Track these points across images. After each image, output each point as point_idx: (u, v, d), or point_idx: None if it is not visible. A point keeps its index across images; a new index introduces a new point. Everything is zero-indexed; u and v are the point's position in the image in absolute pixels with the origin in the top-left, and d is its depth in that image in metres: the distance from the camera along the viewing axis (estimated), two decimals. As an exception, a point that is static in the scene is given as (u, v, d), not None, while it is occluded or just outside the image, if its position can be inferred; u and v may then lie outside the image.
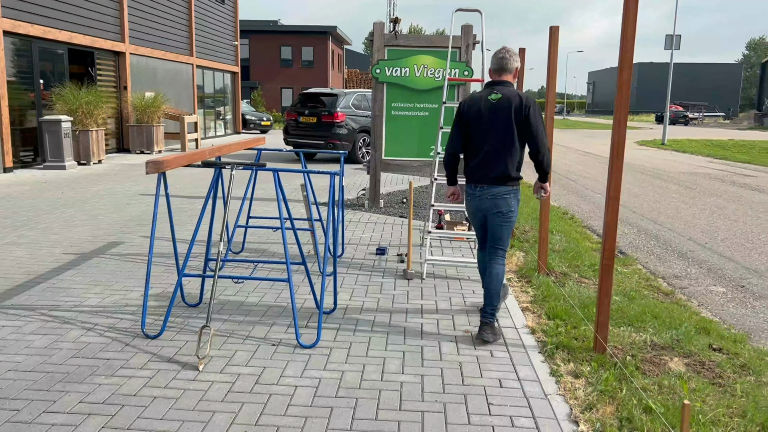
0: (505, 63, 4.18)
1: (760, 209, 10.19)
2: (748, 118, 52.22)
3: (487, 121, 4.10)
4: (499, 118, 4.06)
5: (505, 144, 4.07)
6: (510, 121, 4.04)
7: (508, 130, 4.06)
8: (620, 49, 3.79)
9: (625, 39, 3.76)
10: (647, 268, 6.64)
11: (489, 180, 4.13)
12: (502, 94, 4.10)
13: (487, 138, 4.11)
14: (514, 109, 4.03)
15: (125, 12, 16.25)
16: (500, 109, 4.06)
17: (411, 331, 4.29)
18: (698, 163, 18.94)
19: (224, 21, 24.67)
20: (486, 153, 4.12)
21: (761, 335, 4.75)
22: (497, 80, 4.21)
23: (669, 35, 27.23)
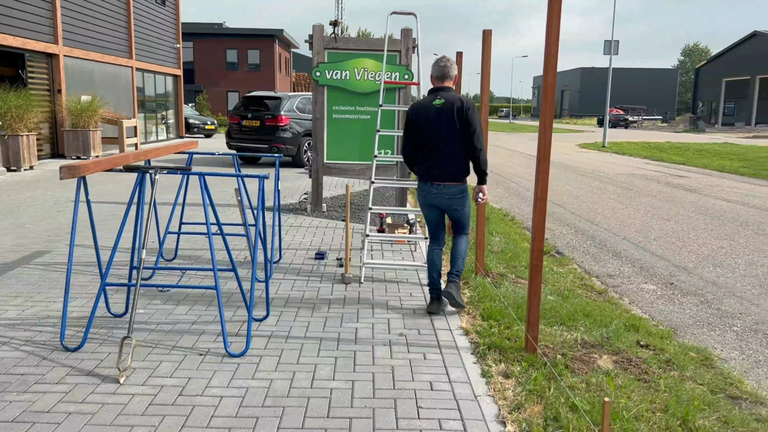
0: (446, 71, 4.61)
1: (691, 209, 10.56)
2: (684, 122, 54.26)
3: (435, 124, 4.51)
4: (444, 121, 4.49)
5: (453, 145, 4.50)
6: (454, 123, 4.47)
7: (453, 131, 4.49)
8: (545, 53, 3.84)
9: (549, 43, 3.82)
10: (582, 268, 6.78)
11: (444, 178, 4.58)
12: (445, 99, 4.51)
13: (436, 140, 4.53)
14: (456, 112, 4.46)
15: (58, 13, 15.69)
16: (444, 113, 4.49)
17: (345, 337, 4.24)
18: (636, 164, 19.54)
19: (165, 23, 24.14)
20: (437, 154, 4.53)
21: (687, 331, 4.89)
22: (440, 86, 4.63)
23: (608, 41, 28.05)
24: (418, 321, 4.61)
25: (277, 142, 14.74)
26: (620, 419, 3.26)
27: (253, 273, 3.93)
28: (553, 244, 7.90)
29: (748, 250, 7.53)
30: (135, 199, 4.23)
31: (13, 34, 13.83)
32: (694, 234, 8.48)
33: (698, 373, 3.96)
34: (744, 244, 7.87)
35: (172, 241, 6.62)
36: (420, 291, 5.36)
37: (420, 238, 5.99)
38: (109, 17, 18.86)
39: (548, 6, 3.77)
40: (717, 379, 3.91)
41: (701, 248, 7.63)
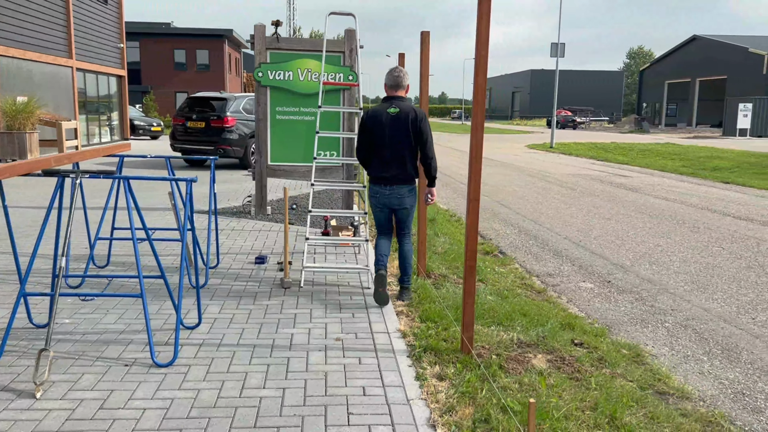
0: (400, 80, 4.95)
1: (631, 208, 10.83)
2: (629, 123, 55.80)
3: (389, 132, 4.85)
4: (397, 129, 4.83)
5: (404, 151, 4.85)
6: (407, 131, 4.83)
7: (406, 138, 4.83)
8: (475, 55, 3.85)
9: (479, 44, 3.82)
10: (524, 267, 6.85)
11: (396, 182, 4.94)
12: (400, 108, 4.86)
13: (389, 146, 4.86)
14: (410, 121, 4.82)
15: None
16: (399, 121, 4.83)
17: (280, 343, 4.16)
18: (582, 165, 19.96)
19: (108, 22, 23.47)
20: (390, 158, 4.87)
21: (621, 328, 4.99)
22: (393, 95, 4.96)
23: (554, 43, 28.60)
24: (357, 325, 4.56)
25: (224, 143, 14.49)
26: (550, 419, 3.28)
27: (180, 279, 3.81)
28: (496, 244, 7.98)
29: (683, 247, 7.76)
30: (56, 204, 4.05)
31: (-59, 31, 13.20)
32: (633, 232, 8.68)
33: (629, 370, 4.03)
34: (680, 241, 8.10)
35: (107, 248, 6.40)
36: (361, 294, 5.31)
37: (362, 241, 5.95)
38: (46, 16, 18.21)
39: (478, 9, 3.77)
40: (646, 375, 3.98)
41: (639, 246, 7.81)
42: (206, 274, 5.43)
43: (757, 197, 12.51)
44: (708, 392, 3.85)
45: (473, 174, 4.03)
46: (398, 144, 4.84)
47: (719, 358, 4.39)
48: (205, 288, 5.30)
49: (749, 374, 4.11)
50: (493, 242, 8.11)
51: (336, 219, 8.22)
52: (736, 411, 3.61)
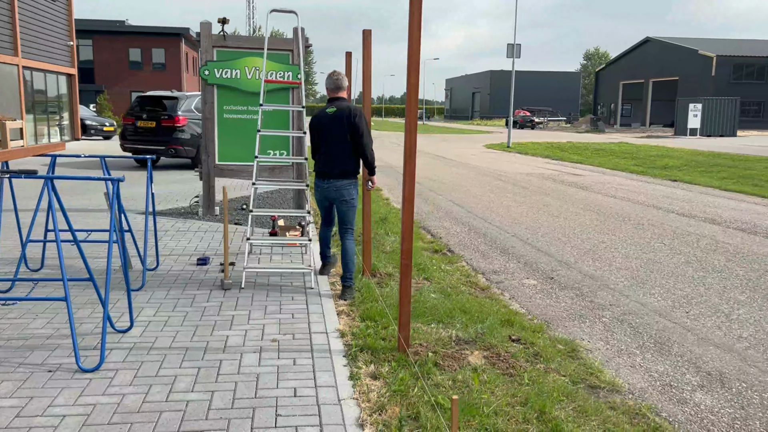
0: (339, 83, 5.35)
1: (580, 206, 11.02)
2: (586, 123, 56.90)
3: (328, 130, 5.25)
4: (336, 126, 5.20)
5: (343, 147, 5.20)
6: (344, 128, 5.18)
7: (344, 135, 5.19)
8: (408, 53, 3.84)
9: (412, 41, 3.82)
10: (471, 265, 6.89)
11: (334, 175, 5.27)
12: (338, 108, 5.24)
13: (329, 143, 5.25)
14: (345, 119, 5.18)
15: (-71, 5, 14.50)
16: (337, 120, 5.21)
17: (214, 346, 4.09)
18: (537, 164, 20.24)
19: (56, 19, 22.84)
20: (330, 154, 5.25)
21: (559, 323, 5.05)
22: (334, 97, 5.36)
23: (510, 44, 28.95)
24: (295, 326, 4.52)
25: (175, 143, 14.23)
26: (480, 415, 3.30)
27: (107, 280, 3.71)
28: (446, 243, 8.01)
29: (626, 243, 7.92)
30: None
31: None
32: (579, 229, 8.83)
33: (563, 365, 4.09)
34: (623, 238, 8.27)
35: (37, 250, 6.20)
36: (303, 294, 5.27)
37: (305, 241, 5.90)
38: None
39: (410, 8, 3.77)
40: (580, 369, 4.04)
41: (584, 243, 7.95)
42: (143, 277, 5.31)
43: (701, 194, 12.87)
44: (638, 385, 3.92)
45: (407, 175, 4.03)
46: (336, 141, 5.22)
47: (651, 351, 4.48)
48: (142, 290, 5.18)
49: (678, 366, 4.21)
50: (443, 241, 8.15)
51: (284, 219, 8.15)
52: (662, 403, 3.69)
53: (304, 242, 6.35)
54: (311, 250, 5.80)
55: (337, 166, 5.23)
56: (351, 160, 5.27)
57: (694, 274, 6.48)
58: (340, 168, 5.24)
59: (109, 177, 3.79)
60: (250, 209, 5.67)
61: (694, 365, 4.23)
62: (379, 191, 12.73)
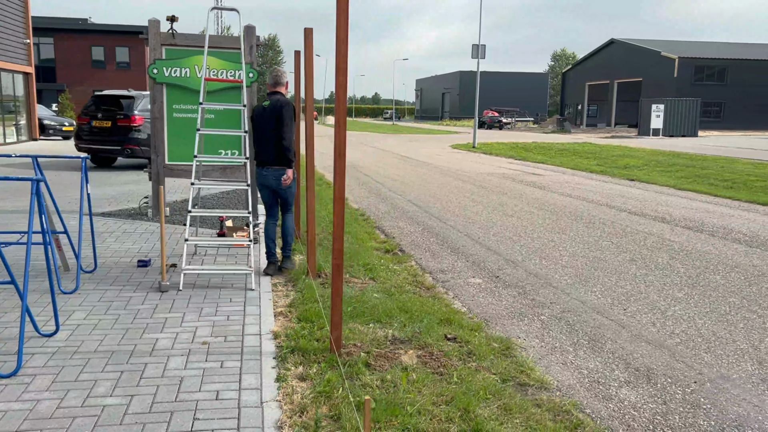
0: (278, 79, 5.93)
1: (535, 205, 11.12)
2: (552, 123, 57.61)
3: (264, 121, 5.77)
4: (269, 118, 5.73)
5: (274, 136, 5.71)
6: (274, 119, 5.69)
7: (274, 126, 5.70)
8: (336, 53, 3.82)
9: (339, 42, 3.80)
10: (419, 265, 6.90)
11: (271, 163, 5.80)
12: (271, 101, 5.79)
13: (264, 133, 5.78)
14: (275, 111, 5.71)
15: None
16: (270, 112, 5.74)
17: (141, 349, 4.01)
18: (499, 164, 20.39)
19: (11, 16, 22.29)
20: (266, 144, 5.78)
21: (498, 322, 5.08)
22: (272, 91, 5.90)
23: (475, 45, 29.13)
24: (229, 328, 4.46)
25: (131, 143, 13.99)
26: (402, 414, 3.29)
27: (25, 283, 3.61)
28: (398, 242, 8.01)
29: (575, 242, 8.01)
30: None
31: None
32: (531, 228, 8.91)
33: (495, 363, 4.10)
34: (573, 236, 8.37)
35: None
36: (242, 296, 5.21)
37: (246, 242, 5.83)
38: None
39: (337, 7, 3.74)
40: (511, 367, 4.06)
41: (534, 242, 8.02)
42: (77, 279, 5.19)
43: (656, 193, 13.09)
44: (566, 382, 3.96)
45: (338, 173, 4.00)
46: (270, 131, 5.74)
47: (584, 348, 4.53)
48: (75, 293, 5.06)
49: (608, 363, 4.26)
50: (396, 240, 8.14)
51: (232, 220, 8.06)
52: (588, 399, 3.73)
53: (246, 243, 6.29)
54: (253, 252, 5.72)
55: (271, 155, 5.78)
56: (284, 150, 5.79)
57: (637, 272, 6.58)
58: (274, 157, 5.79)
59: (29, 177, 3.68)
60: (188, 210, 5.59)
61: (624, 362, 4.29)
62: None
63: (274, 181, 5.85)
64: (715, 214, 10.40)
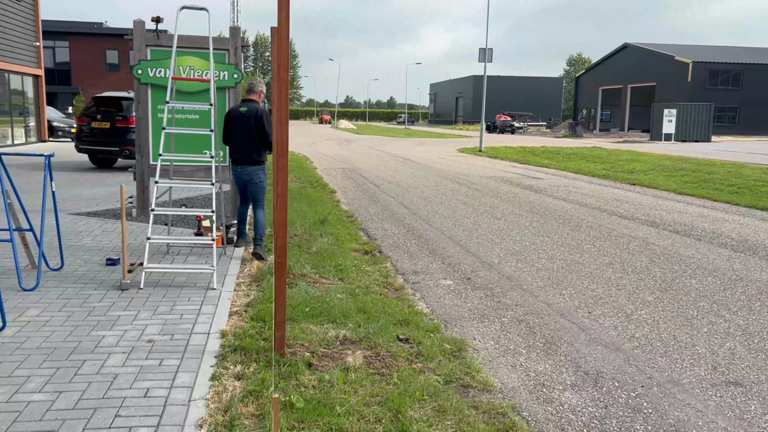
0: (254, 87, 6.61)
1: (526, 208, 11.02)
2: (565, 127, 57.26)
3: (240, 125, 6.36)
4: (246, 123, 6.34)
5: (251, 140, 6.35)
6: (251, 125, 6.33)
7: (250, 131, 6.33)
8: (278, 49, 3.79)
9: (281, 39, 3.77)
10: (394, 266, 6.85)
11: (245, 162, 6.44)
12: (248, 108, 6.41)
13: (240, 137, 6.39)
14: (254, 118, 6.33)
15: None
16: (246, 118, 6.35)
17: (85, 346, 4.00)
18: (501, 167, 20.28)
19: (21, 20, 22.59)
20: (241, 146, 6.40)
21: (458, 323, 5.01)
22: (247, 99, 6.55)
23: (482, 48, 29.02)
24: (180, 326, 4.45)
25: (129, 144, 14.08)
26: (329, 415, 3.25)
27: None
28: (378, 244, 7.96)
29: (556, 245, 7.91)
30: None
31: None
32: (516, 231, 8.82)
33: (442, 364, 4.05)
34: (557, 239, 8.27)
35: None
36: (201, 295, 5.20)
37: (206, 241, 5.82)
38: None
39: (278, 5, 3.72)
40: (458, 369, 4.00)
41: (515, 245, 7.93)
42: (38, 276, 5.21)
43: (654, 198, 12.93)
44: (510, 384, 3.89)
45: (280, 171, 3.97)
46: (246, 135, 6.33)
47: (538, 351, 4.45)
48: (35, 290, 5.08)
49: (558, 366, 4.18)
50: (377, 242, 8.10)
51: (210, 219, 8.07)
52: (528, 402, 3.66)
53: (206, 242, 6.29)
54: (216, 251, 5.71)
55: (247, 155, 6.39)
56: (258, 151, 6.45)
57: (612, 276, 6.48)
58: (249, 156, 6.40)
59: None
60: (150, 208, 5.59)
61: (576, 365, 4.21)
62: (332, 193, 12.67)
63: (247, 177, 6.49)
64: (708, 218, 10.24)
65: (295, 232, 8.18)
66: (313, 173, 16.49)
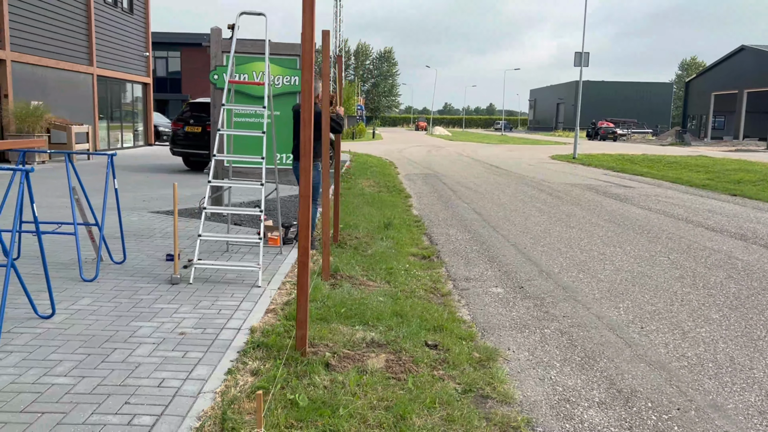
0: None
1: (605, 217, 10.50)
2: (671, 135, 54.21)
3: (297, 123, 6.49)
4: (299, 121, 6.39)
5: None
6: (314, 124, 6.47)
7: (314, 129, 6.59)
8: (302, 50, 3.82)
9: (304, 40, 3.80)
10: (448, 272, 6.72)
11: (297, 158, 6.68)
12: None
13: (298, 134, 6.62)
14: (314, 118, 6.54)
15: (5, 19, 15.80)
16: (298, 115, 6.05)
17: (120, 335, 4.19)
18: (592, 175, 19.46)
19: (133, 32, 24.26)
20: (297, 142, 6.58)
21: (496, 332, 4.83)
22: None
23: (578, 52, 28.05)
24: (214, 321, 4.57)
25: None
26: (329, 416, 3.21)
27: (7, 274, 3.89)
28: (438, 249, 7.85)
29: (626, 256, 7.47)
30: None
31: (-48, 39, 13.94)
32: (587, 241, 8.41)
33: (465, 372, 3.92)
34: (629, 250, 7.81)
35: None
36: (245, 292, 5.32)
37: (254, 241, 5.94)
38: (66, 24, 18.97)
39: (302, 7, 3.75)
40: (480, 378, 3.85)
41: (581, 254, 7.56)
42: (96, 269, 5.52)
43: (754, 210, 11.95)
44: (533, 398, 3.69)
45: (304, 171, 3.99)
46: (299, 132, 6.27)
47: (573, 365, 4.20)
48: (94, 281, 5.39)
49: (591, 382, 3.93)
50: (437, 247, 7.99)
51: (272, 220, 8.27)
52: (547, 417, 3.45)
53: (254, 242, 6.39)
54: (260, 249, 5.83)
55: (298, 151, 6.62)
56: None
57: (680, 290, 6.02)
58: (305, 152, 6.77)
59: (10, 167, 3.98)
60: (203, 207, 5.79)
61: (610, 381, 3.93)
62: (407, 198, 12.64)
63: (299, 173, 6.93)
64: (810, 232, 9.32)
65: (356, 235, 8.21)
66: (394, 178, 16.55)
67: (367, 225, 8.91)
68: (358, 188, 13.42)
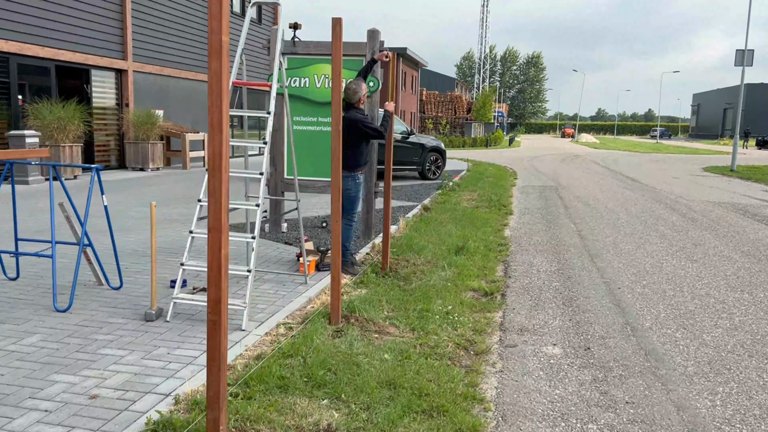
0: (350, 94, 6.27)
1: (743, 248, 8.36)
2: None
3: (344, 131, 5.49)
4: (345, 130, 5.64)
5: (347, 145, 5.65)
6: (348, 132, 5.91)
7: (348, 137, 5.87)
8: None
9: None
10: (503, 318, 5.34)
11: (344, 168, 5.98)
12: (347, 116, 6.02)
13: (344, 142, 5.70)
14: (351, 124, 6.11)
15: (128, 31, 16.43)
16: (347, 125, 5.80)
17: (22, 393, 3.40)
18: (747, 192, 16.53)
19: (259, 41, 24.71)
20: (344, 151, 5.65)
21: (520, 421, 3.44)
22: (349, 104, 6.25)
23: (740, 50, 24.42)
24: (147, 379, 3.67)
25: None
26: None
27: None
28: (508, 284, 6.45)
29: (756, 308, 5.59)
30: None
31: (72, 50, 14.61)
32: (708, 281, 6.55)
33: None
34: (761, 299, 5.90)
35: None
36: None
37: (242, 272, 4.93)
38: (186, 35, 19.52)
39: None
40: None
41: (692, 301, 5.80)
42: (71, 298, 4.84)
43: None
44: None
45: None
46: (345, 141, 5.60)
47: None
48: (66, 312, 4.73)
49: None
50: (509, 281, 6.59)
51: (313, 242, 7.30)
52: None
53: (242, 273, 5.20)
54: (249, 283, 4.83)
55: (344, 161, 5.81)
56: (352, 158, 6.22)
57: (823, 370, 4.19)
58: (346, 162, 5.97)
59: None
60: (190, 231, 4.93)
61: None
62: (506, 215, 11.13)
63: (344, 182, 6.07)
64: None
65: (415, 261, 7.03)
66: (506, 191, 15.01)
67: (436, 248, 7.67)
68: (453, 202, 12.14)
